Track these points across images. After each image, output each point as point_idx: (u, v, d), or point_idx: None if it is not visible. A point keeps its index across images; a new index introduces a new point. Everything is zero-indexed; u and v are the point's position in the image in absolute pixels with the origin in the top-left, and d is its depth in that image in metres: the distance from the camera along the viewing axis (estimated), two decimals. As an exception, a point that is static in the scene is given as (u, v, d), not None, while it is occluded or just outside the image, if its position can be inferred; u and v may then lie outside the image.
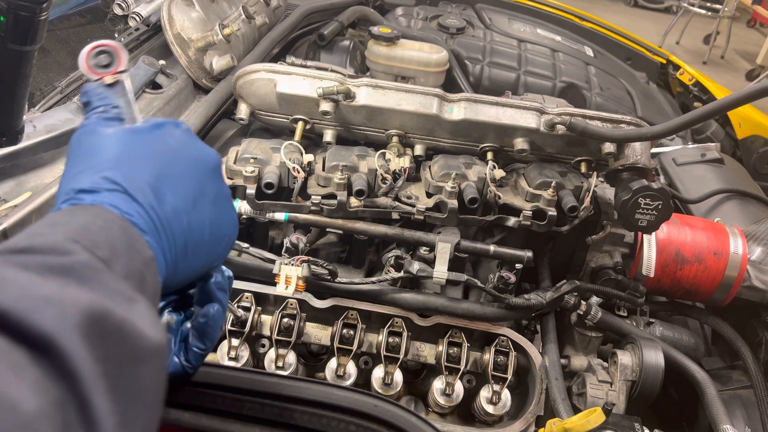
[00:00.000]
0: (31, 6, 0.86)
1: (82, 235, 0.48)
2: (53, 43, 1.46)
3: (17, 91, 0.94)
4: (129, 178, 0.57)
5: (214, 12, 1.60)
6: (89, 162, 0.58)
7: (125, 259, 0.50)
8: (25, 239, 0.46)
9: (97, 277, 0.45)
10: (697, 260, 1.37)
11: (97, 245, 0.48)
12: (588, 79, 2.21)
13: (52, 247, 0.45)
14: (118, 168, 0.57)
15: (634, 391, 1.20)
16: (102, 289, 0.44)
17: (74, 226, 0.49)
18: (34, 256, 0.44)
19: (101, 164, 0.58)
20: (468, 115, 1.33)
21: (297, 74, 1.34)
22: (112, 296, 0.45)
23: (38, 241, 0.45)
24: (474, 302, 1.26)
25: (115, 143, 0.60)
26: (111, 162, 0.58)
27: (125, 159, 0.59)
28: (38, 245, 0.45)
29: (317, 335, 1.23)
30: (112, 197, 0.55)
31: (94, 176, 0.57)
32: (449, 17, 2.36)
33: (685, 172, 1.92)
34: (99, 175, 0.56)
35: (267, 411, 0.66)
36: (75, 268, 0.44)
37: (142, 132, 0.62)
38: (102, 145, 0.60)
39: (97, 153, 0.59)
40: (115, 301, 0.44)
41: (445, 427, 1.18)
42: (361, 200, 1.25)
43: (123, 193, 0.56)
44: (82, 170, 0.58)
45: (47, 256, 0.44)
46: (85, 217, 0.51)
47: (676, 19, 7.22)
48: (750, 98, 1.08)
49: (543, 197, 1.28)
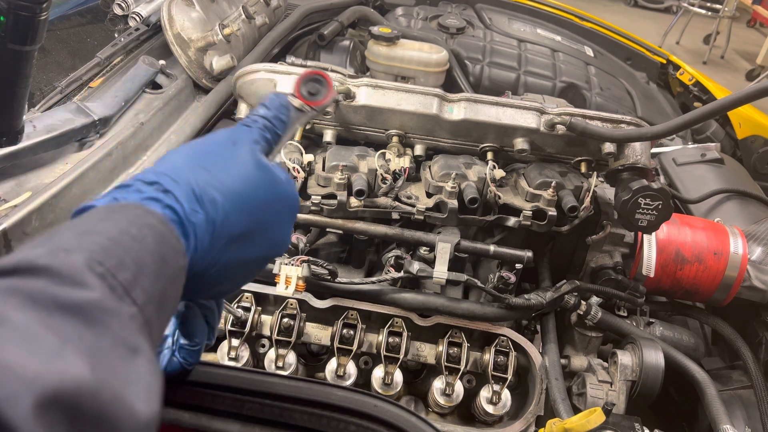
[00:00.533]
0: (31, 6, 0.86)
1: (109, 253, 0.46)
2: (53, 43, 1.46)
3: (17, 91, 0.94)
4: (205, 190, 0.57)
5: (214, 12, 1.60)
6: (198, 159, 0.59)
7: (151, 278, 0.48)
8: (48, 255, 0.44)
9: (105, 321, 0.43)
10: (697, 260, 1.37)
11: (122, 265, 0.46)
12: (588, 79, 2.21)
13: (70, 274, 0.43)
14: (211, 179, 0.58)
15: (634, 391, 1.20)
16: (104, 340, 0.42)
17: (103, 239, 0.47)
18: (47, 282, 0.42)
19: (192, 165, 0.58)
20: (468, 115, 1.33)
21: (297, 74, 1.34)
22: (112, 352, 0.42)
23: (58, 263, 0.43)
24: (474, 302, 1.26)
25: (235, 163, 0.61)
26: (204, 170, 0.58)
27: (219, 173, 0.59)
28: (57, 268, 0.43)
29: (317, 335, 1.23)
30: (175, 190, 0.55)
31: (175, 171, 0.57)
32: (449, 17, 2.36)
33: (685, 172, 1.92)
34: (187, 174, 0.57)
35: (267, 411, 0.66)
36: (84, 307, 0.42)
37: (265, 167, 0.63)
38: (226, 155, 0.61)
39: (212, 155, 0.60)
40: (113, 364, 0.42)
41: (445, 427, 1.18)
42: (361, 200, 1.25)
43: (192, 196, 0.56)
44: (173, 162, 0.59)
45: (61, 286, 0.42)
46: (119, 223, 0.49)
47: (676, 19, 7.22)
48: (750, 98, 1.08)
49: (543, 197, 1.28)
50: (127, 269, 0.46)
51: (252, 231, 0.61)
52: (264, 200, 0.62)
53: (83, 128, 1.14)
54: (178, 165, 0.58)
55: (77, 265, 0.44)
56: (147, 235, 0.50)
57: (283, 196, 0.65)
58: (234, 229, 0.59)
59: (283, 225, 0.66)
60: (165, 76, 1.43)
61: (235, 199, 0.59)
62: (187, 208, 0.55)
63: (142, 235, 0.49)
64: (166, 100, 1.36)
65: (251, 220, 0.61)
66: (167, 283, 0.51)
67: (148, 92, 1.36)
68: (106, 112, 1.19)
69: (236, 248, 0.60)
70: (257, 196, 0.61)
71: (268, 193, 0.63)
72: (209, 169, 0.59)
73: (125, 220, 0.50)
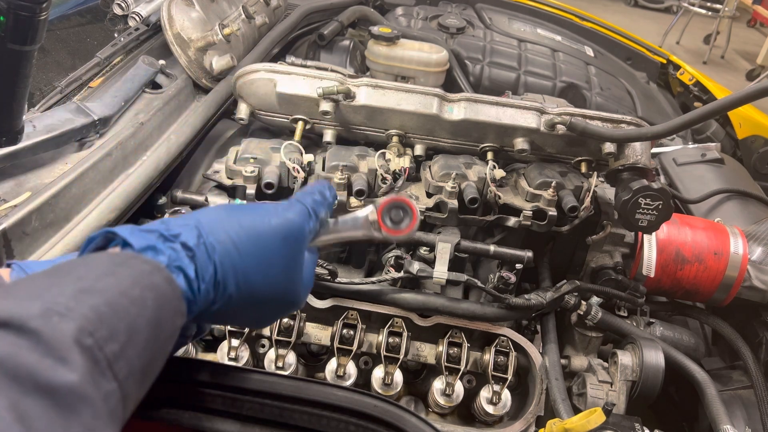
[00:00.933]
0: (31, 6, 0.85)
1: (102, 321, 0.45)
2: (53, 43, 1.46)
3: (17, 91, 0.94)
4: (226, 273, 0.59)
5: (214, 12, 1.60)
6: (218, 218, 0.61)
7: (139, 347, 0.48)
8: (41, 315, 0.42)
9: (77, 409, 0.42)
10: (697, 260, 1.37)
11: (113, 336, 0.45)
12: (588, 79, 2.21)
13: (56, 346, 0.42)
14: (240, 265, 0.59)
15: (634, 392, 1.20)
16: (72, 429, 0.41)
17: (101, 305, 0.46)
18: (32, 353, 0.41)
19: (240, 246, 0.60)
20: (468, 115, 1.33)
21: (297, 74, 1.34)
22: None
23: (49, 329, 0.42)
24: (474, 302, 1.26)
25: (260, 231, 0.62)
26: (242, 251, 0.60)
27: (247, 243, 0.61)
28: (46, 336, 0.41)
29: (317, 335, 1.23)
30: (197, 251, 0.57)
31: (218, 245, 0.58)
32: (449, 17, 2.36)
33: (685, 172, 1.92)
34: (219, 249, 0.58)
35: (267, 411, 0.66)
36: (59, 391, 0.41)
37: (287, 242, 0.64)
38: (266, 248, 0.62)
39: (253, 243, 0.61)
40: None
41: (445, 427, 1.18)
42: (361, 200, 1.25)
43: (205, 255, 0.57)
44: (202, 218, 0.60)
45: (42, 358, 0.41)
46: (124, 284, 0.49)
47: (677, 19, 7.22)
48: (750, 98, 1.08)
49: (543, 197, 1.27)
50: (116, 340, 0.46)
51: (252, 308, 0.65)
52: (280, 302, 0.66)
53: (83, 128, 1.14)
54: (216, 231, 0.60)
55: (66, 337, 0.43)
56: (148, 297, 0.50)
57: (296, 301, 0.69)
58: (237, 305, 0.62)
59: (282, 313, 0.70)
60: (165, 76, 1.43)
61: (249, 291, 0.61)
62: (201, 285, 0.57)
63: (143, 297, 0.49)
64: (166, 100, 1.36)
65: (256, 309, 0.65)
66: (156, 350, 0.51)
67: (148, 92, 1.35)
68: (106, 112, 1.19)
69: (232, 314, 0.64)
70: (274, 298, 0.65)
71: (285, 298, 0.66)
72: (241, 251, 0.60)
73: (130, 278, 0.49)
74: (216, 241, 0.59)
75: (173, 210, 1.27)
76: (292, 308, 0.70)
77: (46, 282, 0.46)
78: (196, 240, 0.57)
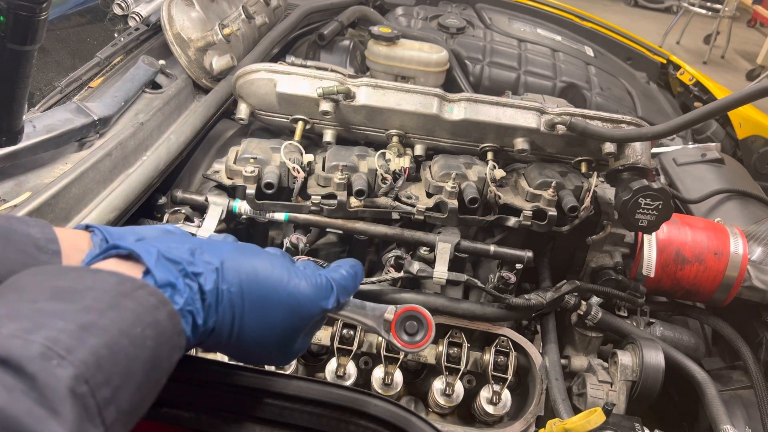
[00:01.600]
0: (31, 6, 0.85)
1: (99, 369, 0.45)
2: (53, 43, 1.46)
3: (17, 91, 0.94)
4: (231, 282, 0.60)
5: (214, 12, 1.60)
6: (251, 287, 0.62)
7: (131, 390, 0.48)
8: (40, 356, 0.42)
9: None
10: (697, 260, 1.37)
11: (107, 382, 0.46)
12: (588, 79, 2.20)
13: (50, 396, 0.42)
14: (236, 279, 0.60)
15: (634, 392, 1.20)
16: None
17: (100, 348, 0.46)
18: (25, 400, 0.41)
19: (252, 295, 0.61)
20: (468, 115, 1.33)
21: (297, 74, 1.34)
22: None
23: (46, 375, 0.42)
24: (474, 302, 1.26)
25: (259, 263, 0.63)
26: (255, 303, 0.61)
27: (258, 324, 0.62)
28: (42, 382, 0.42)
29: (317, 335, 1.23)
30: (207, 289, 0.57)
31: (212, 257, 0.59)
32: (449, 17, 2.36)
33: (685, 172, 1.92)
34: (212, 261, 0.59)
35: (267, 410, 0.66)
36: None
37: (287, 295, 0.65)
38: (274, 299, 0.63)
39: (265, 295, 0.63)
40: None
41: (445, 427, 1.18)
42: (361, 200, 1.25)
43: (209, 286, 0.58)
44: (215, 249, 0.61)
45: (36, 408, 0.41)
46: (126, 323, 0.49)
47: (677, 19, 7.22)
48: (750, 98, 1.08)
49: (543, 197, 1.27)
50: (109, 386, 0.46)
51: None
52: (265, 358, 0.70)
53: (83, 128, 1.14)
54: (229, 276, 0.60)
55: (61, 386, 0.43)
56: (148, 337, 0.50)
57: (282, 361, 0.72)
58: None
59: (267, 363, 0.74)
60: (165, 76, 1.43)
61: (238, 343, 0.62)
62: (203, 329, 0.58)
63: (143, 336, 0.50)
64: (166, 100, 1.35)
65: (241, 354, 0.67)
66: (149, 388, 0.51)
67: (148, 92, 1.35)
68: (106, 112, 1.19)
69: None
70: (261, 355, 0.67)
71: (271, 357, 0.70)
72: (246, 306, 0.61)
73: (133, 314, 0.50)
74: (227, 289, 0.59)
75: (173, 210, 1.27)
76: (276, 364, 0.73)
77: (52, 308, 0.47)
78: (213, 285, 0.58)
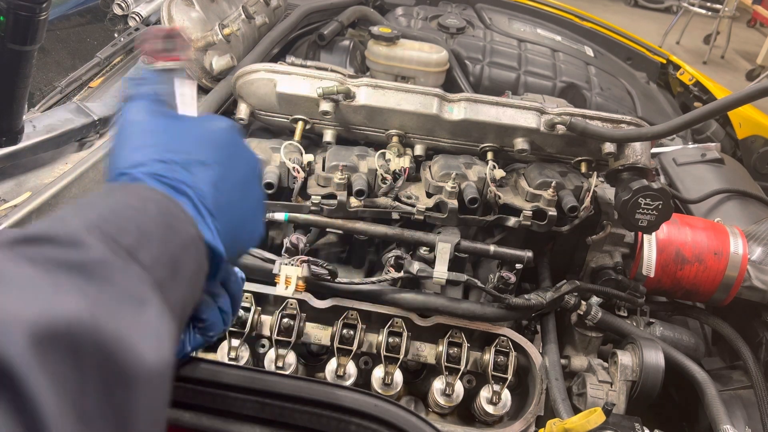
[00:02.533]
0: (31, 6, 0.86)
1: (108, 221, 0.45)
2: (53, 43, 1.46)
3: (17, 91, 0.94)
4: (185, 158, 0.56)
5: (214, 12, 1.60)
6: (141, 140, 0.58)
7: (157, 243, 0.47)
8: (47, 225, 0.43)
9: (108, 276, 0.42)
10: (697, 260, 1.37)
11: (124, 231, 0.45)
12: (588, 79, 2.20)
13: (68, 238, 0.42)
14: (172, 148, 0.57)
15: (634, 392, 1.20)
16: (108, 292, 0.41)
17: (102, 210, 0.47)
18: (46, 247, 0.41)
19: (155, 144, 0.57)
20: (468, 115, 1.33)
21: (297, 74, 1.34)
22: (117, 302, 0.41)
23: (56, 229, 0.42)
24: (474, 302, 1.26)
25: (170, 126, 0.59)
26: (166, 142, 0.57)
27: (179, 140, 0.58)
28: (54, 234, 0.42)
29: (317, 335, 1.23)
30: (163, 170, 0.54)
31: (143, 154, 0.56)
32: (449, 17, 2.36)
33: (685, 172, 1.92)
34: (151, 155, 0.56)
35: (267, 410, 0.66)
36: (86, 264, 0.41)
37: (199, 121, 0.62)
38: (154, 126, 0.59)
39: (150, 133, 0.58)
40: (116, 310, 0.40)
41: (445, 427, 1.18)
42: (361, 200, 1.25)
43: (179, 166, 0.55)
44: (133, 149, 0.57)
45: (60, 248, 0.41)
46: (120, 198, 0.49)
47: (677, 19, 7.22)
48: (750, 98, 1.08)
49: (543, 197, 1.27)
50: (129, 234, 0.45)
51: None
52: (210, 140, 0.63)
53: (83, 128, 1.14)
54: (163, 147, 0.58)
55: (76, 230, 0.43)
56: (150, 207, 0.50)
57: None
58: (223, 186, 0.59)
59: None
60: (165, 76, 1.43)
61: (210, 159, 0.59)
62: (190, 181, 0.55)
63: (144, 206, 0.49)
64: (166, 100, 1.35)
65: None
66: (178, 250, 0.50)
67: (148, 92, 1.35)
68: (106, 112, 1.19)
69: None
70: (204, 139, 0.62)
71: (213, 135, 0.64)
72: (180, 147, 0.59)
73: (126, 195, 0.50)
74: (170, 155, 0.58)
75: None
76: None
77: (39, 223, 0.47)
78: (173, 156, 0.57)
